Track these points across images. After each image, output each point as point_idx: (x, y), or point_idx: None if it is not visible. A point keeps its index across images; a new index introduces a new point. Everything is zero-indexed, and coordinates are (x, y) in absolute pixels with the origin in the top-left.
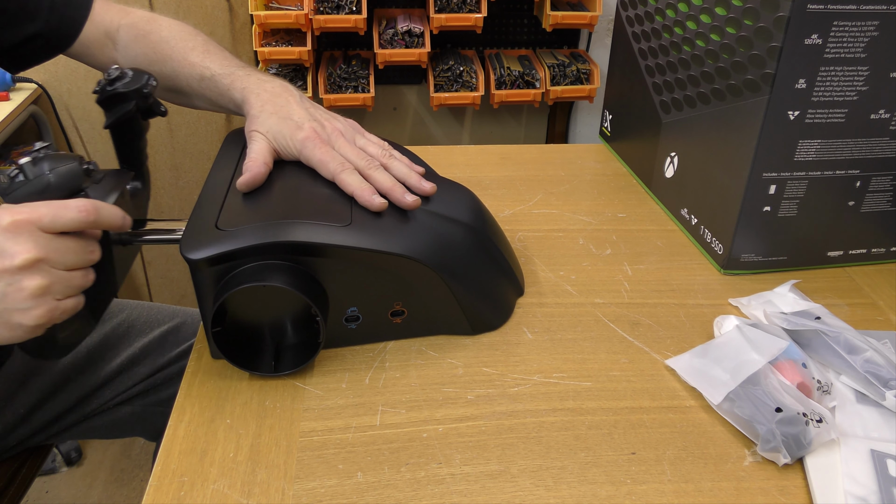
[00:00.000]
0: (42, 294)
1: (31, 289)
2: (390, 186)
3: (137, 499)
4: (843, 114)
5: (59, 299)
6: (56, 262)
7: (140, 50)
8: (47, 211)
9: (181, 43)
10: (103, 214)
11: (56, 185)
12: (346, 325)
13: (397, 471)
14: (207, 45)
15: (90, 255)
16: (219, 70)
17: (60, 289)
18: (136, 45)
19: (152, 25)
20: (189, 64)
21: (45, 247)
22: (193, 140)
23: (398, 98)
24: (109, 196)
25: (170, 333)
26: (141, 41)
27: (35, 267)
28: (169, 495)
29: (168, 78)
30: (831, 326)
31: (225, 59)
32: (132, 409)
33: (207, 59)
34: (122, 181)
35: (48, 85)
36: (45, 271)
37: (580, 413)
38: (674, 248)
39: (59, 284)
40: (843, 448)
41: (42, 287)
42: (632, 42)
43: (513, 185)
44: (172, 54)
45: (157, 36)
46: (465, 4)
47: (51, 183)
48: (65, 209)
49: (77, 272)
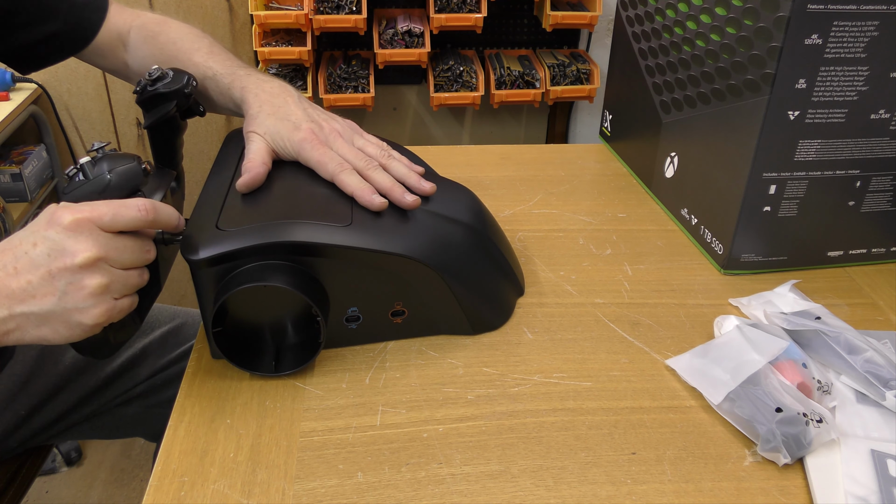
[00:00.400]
0: (102, 293)
1: (91, 287)
2: (390, 186)
3: (137, 499)
4: (843, 114)
5: (116, 298)
6: (115, 260)
7: (148, 51)
8: (107, 210)
9: (187, 44)
10: (161, 214)
11: (116, 185)
12: (347, 325)
13: (398, 471)
14: (213, 47)
15: (146, 254)
16: (221, 70)
17: (119, 287)
18: (145, 45)
19: (162, 27)
20: (193, 64)
21: (105, 245)
22: (193, 140)
23: (398, 98)
24: (156, 195)
25: (170, 334)
26: (150, 42)
27: (95, 266)
28: (169, 495)
29: None
30: (831, 326)
31: (228, 59)
32: (133, 410)
33: (211, 59)
34: (165, 181)
35: (48, 85)
36: (104, 270)
37: (580, 413)
38: (674, 248)
39: (117, 283)
40: (844, 448)
41: (102, 286)
42: (632, 42)
43: (513, 185)
44: (178, 55)
45: (165, 37)
46: (465, 4)
47: (111, 182)
48: (125, 208)
49: (134, 271)
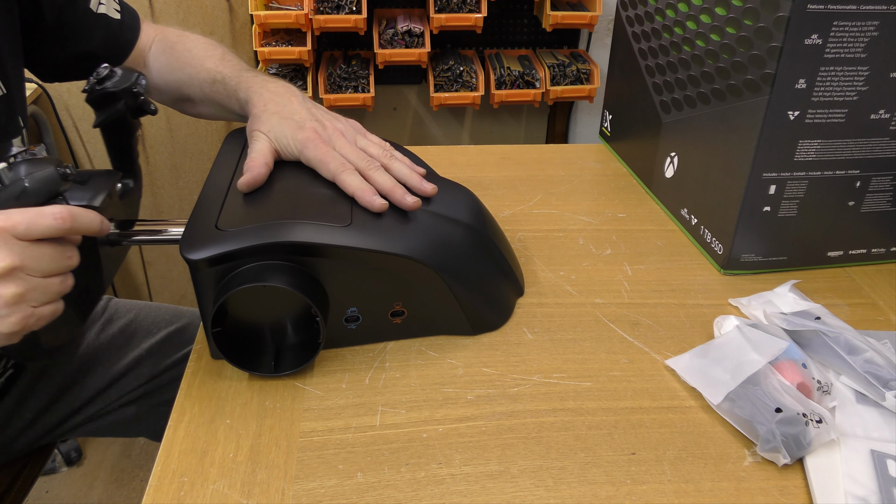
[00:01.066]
0: (16, 302)
1: (5, 297)
2: (391, 187)
3: (137, 499)
4: (843, 114)
5: (35, 306)
6: (32, 269)
7: (165, 60)
8: (22, 219)
9: (202, 52)
10: (80, 220)
11: (33, 191)
12: (346, 326)
13: (397, 471)
14: (226, 55)
15: (68, 260)
16: (229, 73)
17: (37, 296)
18: (163, 55)
19: (180, 38)
20: (205, 70)
21: (21, 255)
22: (193, 140)
23: (398, 98)
24: (96, 198)
25: (175, 334)
26: (168, 51)
27: (10, 275)
28: (169, 495)
29: (183, 83)
30: (831, 326)
31: (238, 65)
32: (137, 410)
33: (222, 65)
34: (110, 182)
35: (48, 85)
36: (20, 279)
37: (580, 413)
38: (674, 248)
39: (35, 292)
40: (843, 448)
41: (16, 295)
42: (632, 42)
43: (513, 185)
44: (191, 61)
45: (182, 47)
46: (465, 4)
47: (27, 188)
48: (40, 217)
49: (54, 279)
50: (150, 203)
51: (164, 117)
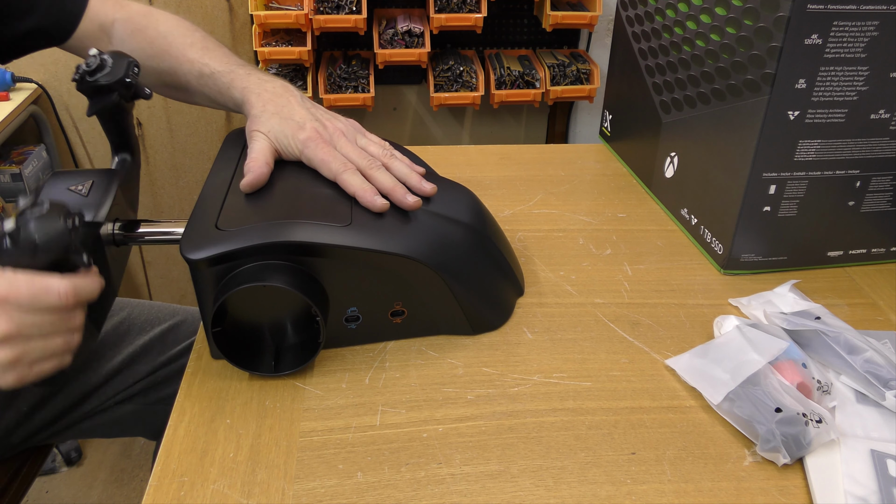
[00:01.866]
0: (12, 365)
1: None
2: (391, 187)
3: (137, 499)
4: (843, 114)
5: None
6: (32, 335)
7: (136, 45)
8: (27, 292)
9: (179, 38)
10: (82, 294)
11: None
12: (347, 325)
13: (397, 471)
14: (206, 41)
15: (71, 322)
16: (218, 67)
17: (36, 356)
18: (133, 39)
19: (149, 20)
20: (188, 60)
21: (20, 324)
22: (193, 140)
23: (398, 98)
24: (101, 210)
25: (170, 331)
26: (137, 36)
27: (7, 342)
28: (169, 495)
29: (166, 74)
30: (831, 326)
31: (224, 55)
32: (133, 407)
33: (206, 55)
34: (111, 185)
35: (48, 85)
36: (16, 345)
37: (580, 413)
38: (674, 248)
39: (32, 353)
40: (843, 448)
41: (10, 360)
42: (632, 42)
43: (513, 185)
44: (170, 50)
45: (154, 31)
46: (465, 4)
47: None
48: (45, 293)
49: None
50: (150, 203)
51: (165, 117)
